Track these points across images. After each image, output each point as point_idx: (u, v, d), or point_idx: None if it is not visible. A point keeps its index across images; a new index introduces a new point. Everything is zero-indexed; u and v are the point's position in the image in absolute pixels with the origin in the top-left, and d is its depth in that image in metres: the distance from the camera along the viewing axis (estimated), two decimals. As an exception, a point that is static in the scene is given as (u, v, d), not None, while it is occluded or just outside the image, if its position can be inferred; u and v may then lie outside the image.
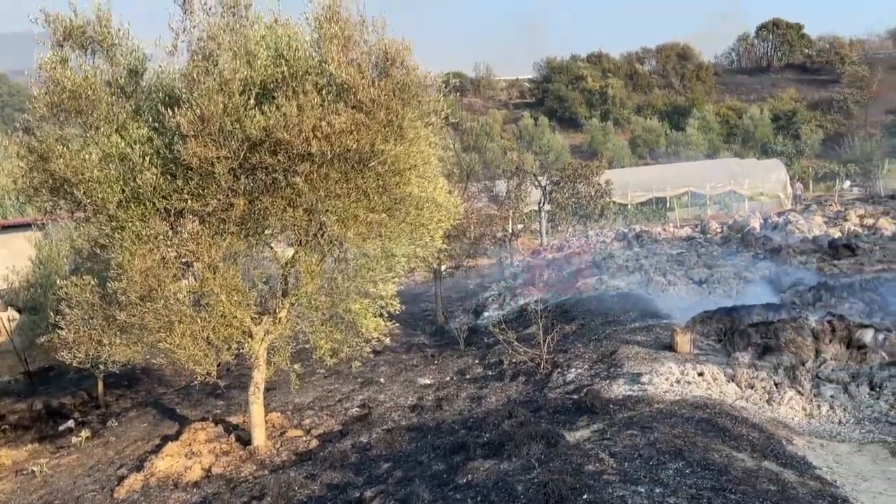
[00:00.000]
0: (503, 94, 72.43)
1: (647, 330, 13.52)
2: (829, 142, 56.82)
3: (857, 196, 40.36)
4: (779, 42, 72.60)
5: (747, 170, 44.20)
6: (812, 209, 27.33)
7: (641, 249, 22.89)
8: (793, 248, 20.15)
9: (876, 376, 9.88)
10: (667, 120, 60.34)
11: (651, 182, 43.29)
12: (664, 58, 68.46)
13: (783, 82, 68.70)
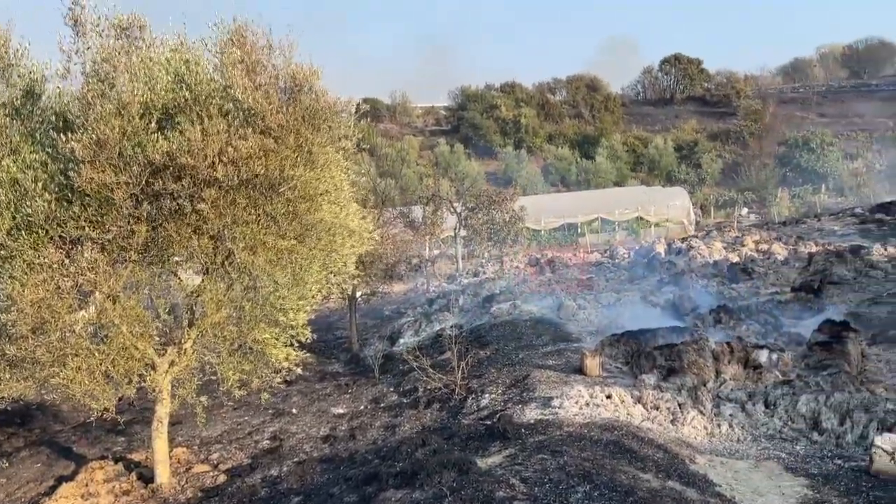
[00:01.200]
0: (419, 121, 73.10)
1: (558, 354, 13.77)
2: (727, 171, 59.89)
3: (754, 222, 42.69)
4: (680, 76, 76.40)
5: (653, 197, 46.07)
6: (713, 235, 28.68)
7: (553, 274, 23.39)
8: (695, 273, 21.05)
9: (770, 395, 10.37)
10: (577, 148, 62.26)
11: (563, 209, 44.45)
12: (574, 89, 70.84)
13: (685, 114, 72.19)
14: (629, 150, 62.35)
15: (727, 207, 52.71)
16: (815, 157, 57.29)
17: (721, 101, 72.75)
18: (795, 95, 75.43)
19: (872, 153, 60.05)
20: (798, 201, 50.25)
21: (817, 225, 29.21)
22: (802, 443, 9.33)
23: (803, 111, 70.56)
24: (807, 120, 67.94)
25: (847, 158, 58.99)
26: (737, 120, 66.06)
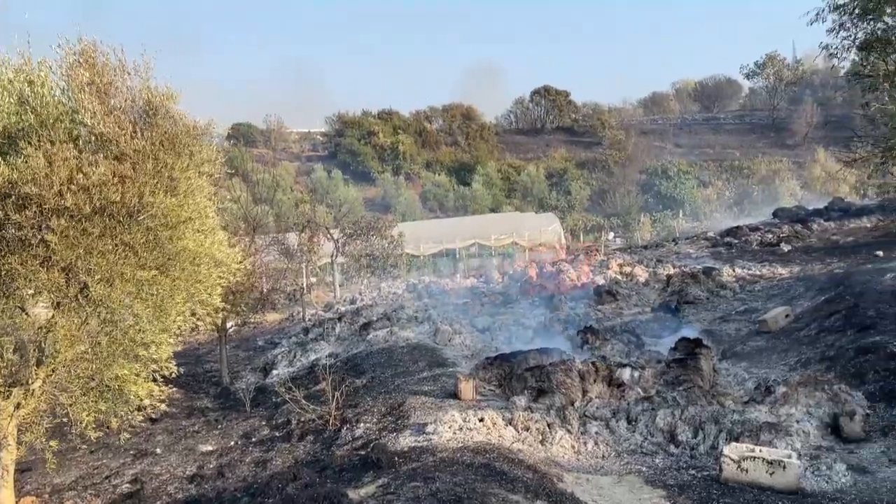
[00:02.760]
0: (295, 147, 72.10)
1: (434, 379, 13.86)
2: (595, 197, 63.03)
3: (620, 246, 45.02)
4: (550, 106, 79.94)
5: (527, 223, 47.67)
6: (580, 259, 29.96)
7: (430, 300, 23.59)
8: (564, 295, 21.88)
9: (632, 411, 10.90)
10: (454, 175, 63.55)
11: (441, 234, 45.10)
12: (450, 117, 72.43)
13: (555, 143, 75.45)
14: (504, 178, 64.30)
15: (595, 232, 55.32)
16: (672, 184, 61.42)
17: (588, 132, 76.60)
18: (654, 127, 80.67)
19: (722, 181, 65.10)
20: (658, 226, 53.53)
21: (675, 248, 31.17)
22: (661, 456, 9.86)
23: (661, 142, 75.56)
24: (665, 150, 72.81)
25: (701, 186, 63.66)
26: (602, 149, 69.75)
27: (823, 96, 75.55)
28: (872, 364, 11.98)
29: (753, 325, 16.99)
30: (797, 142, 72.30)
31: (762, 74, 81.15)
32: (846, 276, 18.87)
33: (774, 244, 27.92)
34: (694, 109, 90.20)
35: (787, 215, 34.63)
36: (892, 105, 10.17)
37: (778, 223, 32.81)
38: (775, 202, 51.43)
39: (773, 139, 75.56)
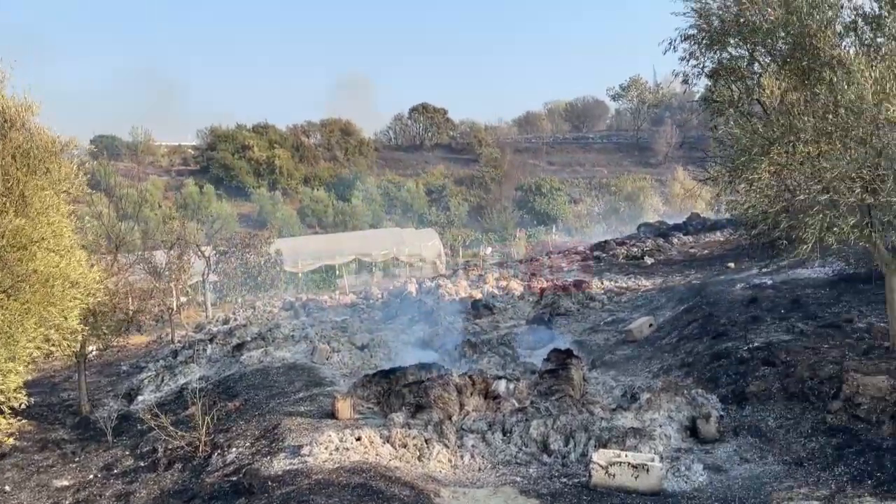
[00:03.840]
0: (165, 161, 68.89)
1: (311, 399, 13.58)
2: (473, 213, 64.23)
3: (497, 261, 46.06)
4: (428, 123, 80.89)
5: (407, 238, 47.81)
6: (459, 274, 30.42)
7: (308, 318, 23.14)
8: (443, 310, 22.13)
9: (507, 423, 11.14)
10: (333, 191, 62.88)
11: (320, 251, 44.35)
12: (328, 132, 71.69)
13: (434, 160, 76.40)
14: (384, 193, 64.29)
15: (474, 247, 56.34)
16: (546, 200, 63.66)
17: (465, 149, 78.10)
18: (528, 145, 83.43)
19: (592, 197, 68.23)
20: (533, 240, 55.25)
21: (548, 263, 32.29)
22: (535, 465, 10.12)
23: (535, 159, 78.24)
24: (538, 167, 75.45)
25: (572, 202, 66.39)
26: (479, 166, 71.28)
27: (681, 118, 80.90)
28: (725, 368, 12.87)
29: (620, 335, 17.85)
30: (659, 161, 76.96)
31: (627, 97, 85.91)
32: (702, 287, 20.22)
33: (639, 257, 29.54)
34: (565, 129, 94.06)
35: (650, 230, 36.75)
36: (738, 129, 11.01)
37: (642, 237, 34.76)
38: (640, 217, 54.48)
39: (637, 158, 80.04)
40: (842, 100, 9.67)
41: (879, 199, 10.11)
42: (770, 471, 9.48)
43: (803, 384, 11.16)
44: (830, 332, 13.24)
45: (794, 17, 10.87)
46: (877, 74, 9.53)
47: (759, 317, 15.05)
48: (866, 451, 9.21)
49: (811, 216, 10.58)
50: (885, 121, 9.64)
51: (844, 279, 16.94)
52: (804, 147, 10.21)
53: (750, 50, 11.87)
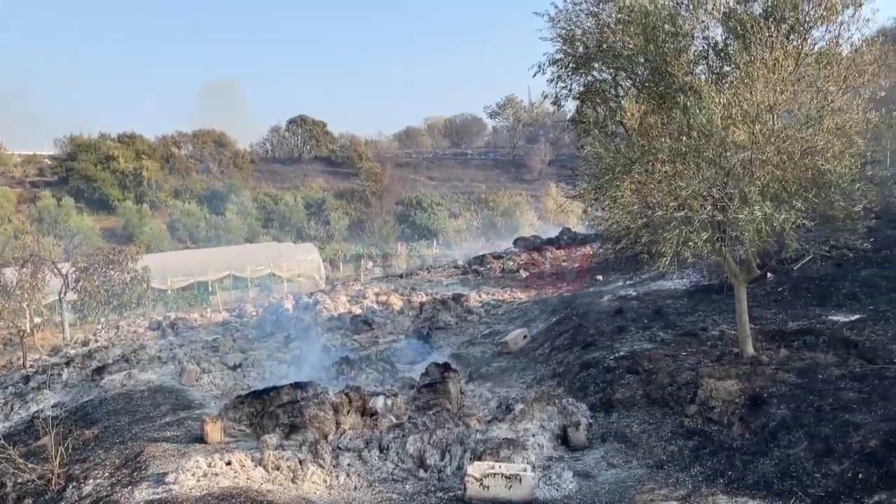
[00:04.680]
0: (18, 171, 63.83)
1: (178, 424, 12.94)
2: (353, 227, 63.79)
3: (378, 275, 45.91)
4: (307, 136, 79.75)
5: (285, 253, 46.69)
6: (338, 289, 30.05)
7: (176, 338, 22.06)
8: (321, 327, 21.76)
9: (384, 439, 11.06)
10: (206, 204, 60.55)
11: (192, 266, 42.46)
12: (201, 143, 69.09)
13: (313, 173, 75.30)
14: (260, 207, 62.62)
15: (354, 262, 55.91)
16: (426, 215, 64.29)
17: (345, 162, 77.54)
18: (409, 160, 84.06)
19: (471, 212, 69.56)
20: (415, 255, 55.56)
21: (428, 277, 32.56)
22: (411, 481, 10.09)
23: (416, 174, 78.92)
24: (419, 182, 76.11)
25: (452, 216, 67.39)
26: (360, 180, 70.98)
27: (554, 136, 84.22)
28: (594, 377, 13.40)
29: (497, 347, 18.22)
30: (534, 177, 79.65)
31: (503, 115, 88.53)
32: (573, 299, 21.03)
33: (515, 271, 30.36)
34: (444, 144, 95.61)
35: (525, 244, 37.89)
36: (602, 149, 11.56)
37: (518, 251, 35.78)
38: (517, 232, 56.06)
39: (513, 174, 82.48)
40: (694, 123, 10.36)
41: (727, 216, 10.90)
42: (634, 474, 9.93)
43: (664, 390, 11.80)
44: (688, 339, 14.10)
45: (652, 45, 11.58)
46: (724, 101, 10.29)
47: (625, 327, 15.81)
48: (719, 452, 9.83)
49: (669, 231, 11.23)
50: (731, 144, 10.42)
51: (700, 290, 18.13)
52: (662, 167, 10.85)
53: (613, 74, 12.53)
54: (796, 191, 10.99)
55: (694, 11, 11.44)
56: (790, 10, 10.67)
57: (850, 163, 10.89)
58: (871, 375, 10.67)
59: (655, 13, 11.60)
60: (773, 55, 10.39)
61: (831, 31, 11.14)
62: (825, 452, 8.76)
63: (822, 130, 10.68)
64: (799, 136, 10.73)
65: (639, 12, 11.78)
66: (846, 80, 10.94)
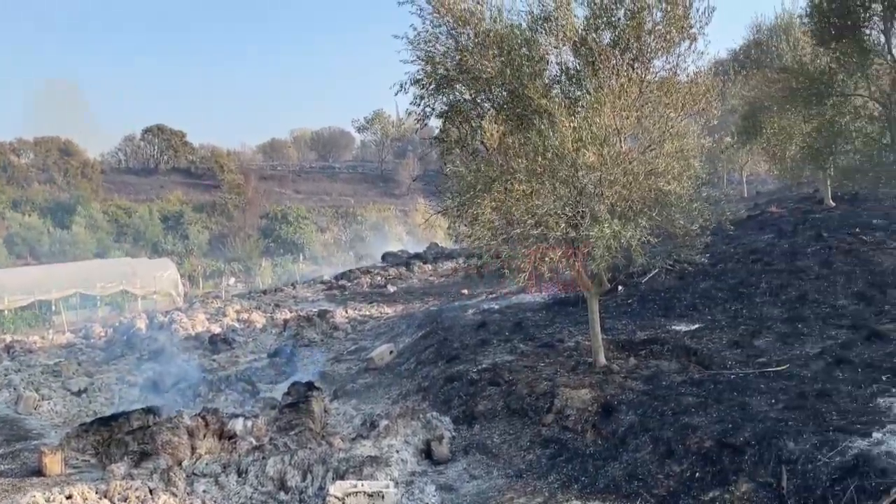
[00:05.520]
0: None
1: (13, 457, 11.92)
2: (215, 241, 61.39)
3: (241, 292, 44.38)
4: (164, 146, 76.02)
5: (139, 269, 44.07)
6: (196, 307, 28.79)
7: (13, 363, 20.21)
8: (177, 347, 20.73)
9: (243, 462, 10.68)
10: (50, 217, 56.23)
11: (33, 284, 39.17)
12: (44, 151, 64.15)
13: (171, 184, 71.84)
14: (112, 220, 58.93)
15: (216, 277, 53.77)
16: (292, 229, 63.04)
17: (206, 174, 74.60)
18: (274, 172, 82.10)
19: (339, 226, 68.95)
20: (280, 270, 54.23)
21: (293, 293, 31.87)
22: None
23: (281, 187, 77.20)
24: (285, 195, 74.51)
25: (319, 231, 66.46)
26: (222, 193, 68.47)
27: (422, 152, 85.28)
28: (457, 390, 13.62)
29: (363, 363, 18.11)
30: (403, 192, 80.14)
31: (371, 129, 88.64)
32: (439, 313, 21.30)
33: (383, 286, 30.37)
34: (312, 157, 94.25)
35: (393, 259, 38.03)
36: (463, 167, 11.86)
37: (386, 266, 35.83)
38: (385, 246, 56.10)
39: (382, 188, 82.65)
40: (548, 145, 10.86)
41: (580, 233, 11.48)
42: (495, 484, 10.18)
43: (523, 401, 12.19)
44: (546, 351, 14.66)
45: (510, 69, 12.03)
46: (576, 124, 10.87)
47: (488, 340, 16.21)
48: (574, 458, 10.28)
49: (527, 247, 11.69)
50: (582, 165, 11.01)
51: (558, 303, 18.93)
52: (519, 185, 11.27)
53: (473, 95, 12.88)
54: (641, 209, 11.78)
55: (548, 38, 12.00)
56: (634, 41, 11.43)
57: (688, 184, 11.83)
58: (707, 381, 11.56)
59: (512, 38, 12.08)
60: (619, 82, 11.11)
61: (670, 62, 12.07)
62: (667, 454, 9.38)
63: (663, 154, 11.53)
64: (643, 159, 11.54)
65: (496, 36, 12.22)
66: (684, 107, 11.88)
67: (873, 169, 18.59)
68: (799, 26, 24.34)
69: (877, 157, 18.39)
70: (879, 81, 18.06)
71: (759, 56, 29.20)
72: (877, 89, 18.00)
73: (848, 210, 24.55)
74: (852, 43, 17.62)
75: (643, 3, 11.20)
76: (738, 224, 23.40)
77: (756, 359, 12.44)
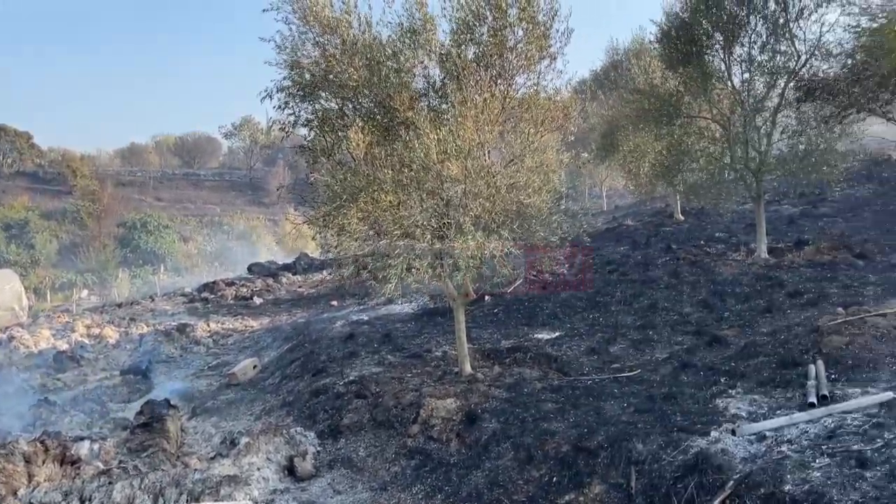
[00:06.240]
0: None
1: None
2: (65, 251, 57.22)
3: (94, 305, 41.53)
4: (8, 148, 70.15)
5: (-24, 282, 40.27)
6: (40, 322, 26.66)
7: None
8: (17, 366, 19.05)
9: (87, 489, 9.94)
10: None
11: None
12: None
13: (15, 189, 66.34)
14: (-57, 227, 53.64)
15: (66, 290, 50.10)
16: (153, 238, 59.83)
17: (56, 179, 69.53)
18: (133, 179, 77.83)
19: (203, 236, 66.19)
20: (139, 282, 51.30)
21: (151, 305, 30.17)
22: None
23: (141, 194, 73.24)
24: (145, 203, 70.71)
25: (182, 240, 63.48)
26: (74, 199, 63.97)
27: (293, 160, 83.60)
28: (323, 404, 13.37)
29: (224, 379, 17.42)
30: (272, 200, 78.15)
31: (239, 135, 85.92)
32: (307, 325, 20.88)
33: (248, 298, 29.39)
34: (175, 164, 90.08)
35: (260, 270, 36.90)
36: (329, 177, 11.71)
37: (252, 277, 34.70)
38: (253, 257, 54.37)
39: (250, 197, 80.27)
40: (413, 157, 10.92)
41: (445, 245, 11.62)
42: (359, 499, 10.06)
43: (389, 412, 12.14)
44: (414, 361, 14.70)
45: (377, 79, 12.02)
46: (440, 136, 10.99)
47: (356, 352, 16.05)
48: (438, 468, 10.34)
49: (393, 259, 11.67)
50: (447, 177, 11.16)
51: (427, 313, 19.07)
52: (386, 197, 11.26)
53: (340, 104, 12.75)
54: (503, 221, 12.09)
55: (415, 51, 12.10)
56: (497, 58, 11.75)
57: (547, 197, 12.29)
58: (566, 387, 12.01)
59: (379, 48, 12.08)
60: (482, 97, 11.37)
61: (531, 79, 12.51)
62: (527, 460, 9.63)
63: (524, 168, 11.91)
64: (505, 172, 11.85)
65: (364, 46, 12.18)
66: (543, 122, 12.34)
67: (715, 186, 20.07)
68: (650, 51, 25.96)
69: (718, 175, 19.87)
70: (720, 105, 19.57)
71: (616, 78, 30.91)
72: (718, 112, 19.48)
73: (695, 224, 26.49)
74: (697, 68, 18.98)
75: (505, 21, 11.53)
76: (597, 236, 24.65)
77: (611, 364, 13.07)
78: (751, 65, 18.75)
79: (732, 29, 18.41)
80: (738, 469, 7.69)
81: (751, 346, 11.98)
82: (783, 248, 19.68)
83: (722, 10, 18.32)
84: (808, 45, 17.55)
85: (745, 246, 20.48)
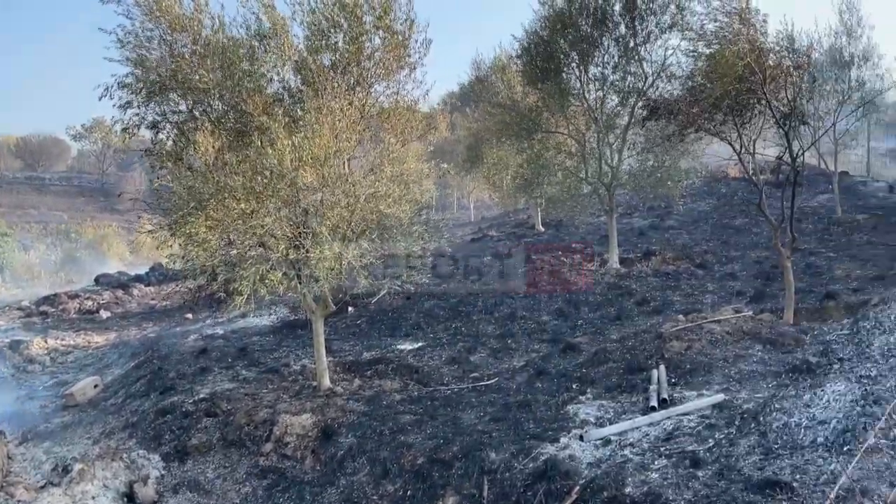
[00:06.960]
0: None
1: None
2: None
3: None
4: None
5: None
6: None
7: None
8: None
9: None
10: None
11: None
12: None
13: None
14: None
15: None
16: (-12, 247, 54.57)
17: None
18: (-33, 182, 70.91)
19: (47, 245, 61.22)
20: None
21: (-19, 321, 27.36)
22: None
23: None
24: (-19, 209, 64.51)
25: (23, 250, 58.35)
26: None
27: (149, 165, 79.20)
28: (169, 424, 12.53)
29: (61, 400, 16.00)
30: (127, 207, 73.57)
31: (90, 138, 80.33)
32: (157, 340, 19.65)
33: (94, 311, 27.38)
34: (16, 167, 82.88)
35: (109, 281, 34.49)
36: (175, 183, 11.04)
37: (100, 289, 32.36)
38: (103, 267, 50.85)
39: (102, 203, 75.21)
40: (267, 163, 10.50)
41: (300, 255, 11.25)
42: (205, 525, 9.46)
43: (241, 431, 11.58)
44: (271, 376, 14.14)
45: (230, 81, 11.48)
46: (295, 143, 10.63)
47: (208, 367, 15.24)
48: (291, 487, 9.95)
49: (246, 269, 11.14)
50: (303, 185, 10.82)
51: (287, 325, 18.48)
52: (238, 204, 10.75)
53: (190, 106, 12.07)
54: (363, 231, 11.91)
55: (269, 55, 11.68)
56: (354, 65, 11.55)
57: (407, 207, 12.21)
58: (425, 397, 11.95)
59: (233, 50, 11.56)
60: (339, 104, 11.13)
61: (391, 88, 12.41)
62: (383, 474, 9.45)
63: (384, 177, 11.77)
64: (364, 182, 11.66)
65: (217, 47, 11.61)
66: (403, 133, 12.28)
67: (571, 199, 20.89)
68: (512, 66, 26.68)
69: (574, 188, 20.70)
70: (576, 121, 20.41)
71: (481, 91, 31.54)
72: (574, 128, 20.30)
73: (554, 235, 27.47)
74: (555, 85, 19.70)
75: (361, 28, 11.37)
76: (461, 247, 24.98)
77: (471, 374, 13.18)
78: (604, 83, 19.70)
79: (587, 49, 19.26)
80: (584, 474, 7.89)
81: (601, 352, 12.44)
82: (633, 259, 20.74)
83: (577, 30, 19.11)
84: (655, 67, 18.65)
85: (598, 256, 21.41)
